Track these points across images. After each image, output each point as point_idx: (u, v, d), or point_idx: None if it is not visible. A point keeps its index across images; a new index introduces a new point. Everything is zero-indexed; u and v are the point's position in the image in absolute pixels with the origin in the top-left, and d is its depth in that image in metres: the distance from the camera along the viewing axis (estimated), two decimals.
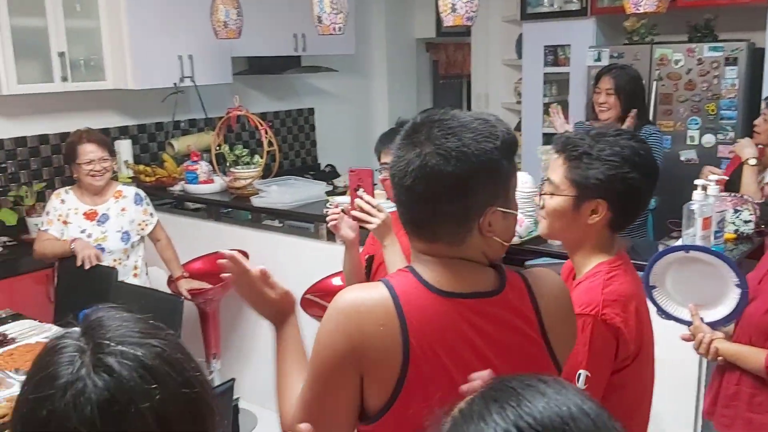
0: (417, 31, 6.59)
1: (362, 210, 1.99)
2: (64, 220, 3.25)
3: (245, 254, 3.63)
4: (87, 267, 3.07)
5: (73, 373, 0.79)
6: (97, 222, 3.27)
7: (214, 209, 4.03)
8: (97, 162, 3.17)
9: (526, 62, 5.31)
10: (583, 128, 1.73)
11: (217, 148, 3.88)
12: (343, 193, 3.90)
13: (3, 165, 4.04)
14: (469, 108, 5.61)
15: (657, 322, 1.73)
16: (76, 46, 4.00)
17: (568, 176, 1.56)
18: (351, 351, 1.14)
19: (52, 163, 4.24)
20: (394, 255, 1.94)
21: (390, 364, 1.14)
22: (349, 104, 6.15)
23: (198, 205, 4.21)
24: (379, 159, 2.32)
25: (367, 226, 2.00)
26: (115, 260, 3.28)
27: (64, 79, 3.92)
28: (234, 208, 3.96)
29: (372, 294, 1.17)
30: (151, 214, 3.43)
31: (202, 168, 3.96)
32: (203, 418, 0.85)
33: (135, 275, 3.36)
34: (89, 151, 3.16)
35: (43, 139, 4.20)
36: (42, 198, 4.09)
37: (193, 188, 3.97)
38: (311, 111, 5.87)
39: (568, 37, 5.06)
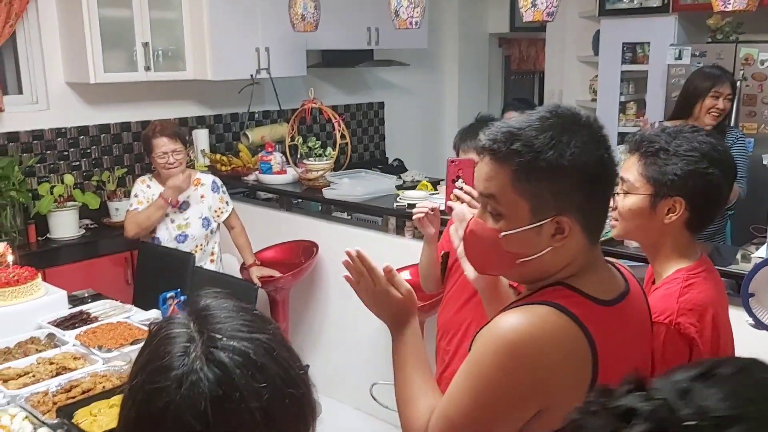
0: (490, 26, 6.53)
1: (461, 201, 1.98)
2: (150, 204, 3.37)
3: (317, 246, 3.69)
4: (187, 187, 3.26)
5: (188, 365, 0.78)
6: (179, 209, 3.38)
7: (285, 199, 4.11)
8: (170, 154, 3.27)
9: (603, 59, 5.20)
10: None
11: (291, 139, 3.95)
12: (413, 188, 3.91)
13: (87, 150, 4.22)
14: (534, 106, 5.53)
15: (751, 332, 1.67)
16: (159, 37, 4.13)
17: (644, 173, 1.49)
18: (535, 389, 1.07)
19: (133, 149, 4.40)
20: None
21: (578, 390, 1.06)
22: (419, 98, 6.15)
23: (269, 195, 4.29)
24: (457, 154, 2.32)
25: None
26: (196, 246, 3.39)
27: (147, 68, 4.06)
28: (305, 199, 4.03)
29: (549, 320, 1.08)
30: (227, 202, 3.51)
31: (276, 159, 4.03)
32: (306, 417, 0.84)
33: (212, 261, 3.47)
34: (162, 144, 3.26)
35: (125, 126, 4.36)
36: (123, 183, 4.26)
37: (266, 178, 4.05)
38: (381, 105, 5.90)
39: (647, 34, 4.93)
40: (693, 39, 4.80)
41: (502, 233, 1.14)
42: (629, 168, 1.54)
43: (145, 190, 3.38)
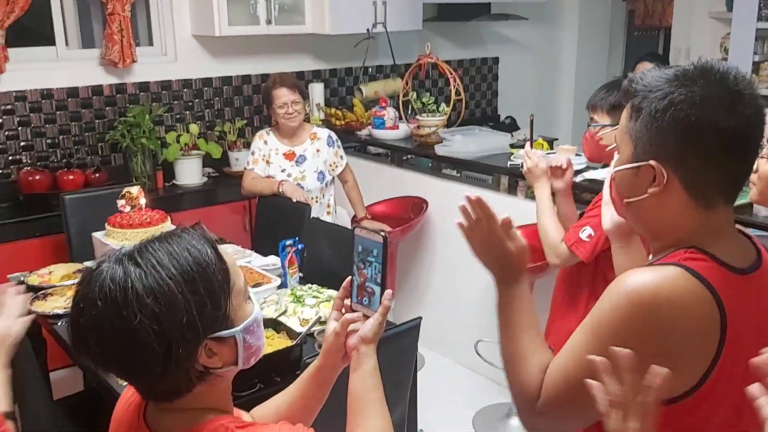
0: None
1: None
2: (267, 160, 3.51)
3: (426, 203, 3.72)
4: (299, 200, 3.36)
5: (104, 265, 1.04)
6: (296, 162, 3.50)
7: (396, 155, 4.14)
8: (290, 105, 3.37)
9: (736, 15, 4.84)
10: None
11: (404, 95, 3.96)
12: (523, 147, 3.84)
13: (211, 102, 4.40)
14: (667, 63, 5.24)
15: None
16: None
17: None
18: (662, 351, 1.04)
19: (252, 102, 4.55)
20: None
21: (701, 358, 1.06)
22: (535, 54, 5.99)
23: (380, 150, 4.34)
24: (593, 114, 2.26)
25: None
26: (312, 198, 3.51)
27: (269, 22, 4.16)
28: (417, 155, 4.04)
29: (680, 282, 1.05)
30: (341, 157, 3.60)
31: (389, 114, 4.06)
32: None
33: (328, 213, 3.61)
34: (282, 94, 3.36)
35: (246, 79, 4.51)
36: (243, 134, 4.43)
37: (379, 133, 4.09)
38: (495, 60, 5.78)
39: None
40: None
41: (614, 170, 1.18)
42: None
43: (262, 147, 3.51)
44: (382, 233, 1.25)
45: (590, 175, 2.97)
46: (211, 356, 1.06)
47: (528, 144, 2.58)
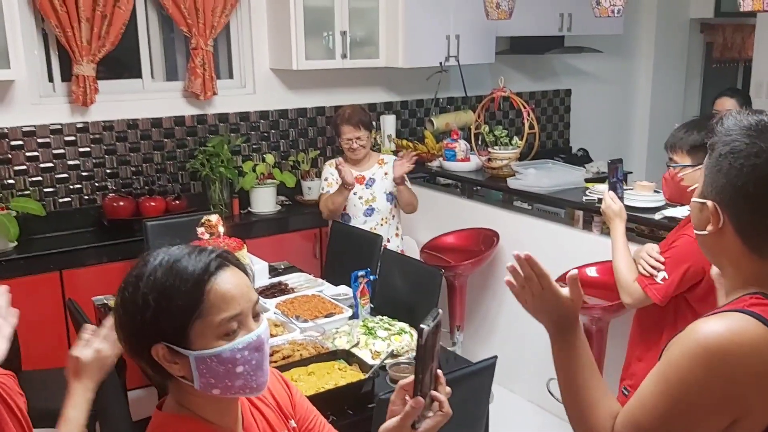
0: (692, 10, 6.10)
1: None
2: (340, 185, 3.56)
3: (497, 235, 3.70)
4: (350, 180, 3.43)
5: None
6: (366, 185, 3.61)
7: (467, 187, 4.14)
8: (353, 141, 3.54)
9: None
10: None
11: (476, 127, 3.96)
12: (602, 180, 3.79)
13: (286, 132, 4.52)
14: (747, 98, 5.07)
15: None
16: (356, 26, 4.31)
17: None
18: (732, 398, 1.06)
19: (325, 133, 4.64)
20: None
21: None
22: (609, 86, 5.91)
23: (448, 181, 4.34)
24: (672, 155, 2.23)
25: None
26: (383, 219, 3.61)
27: (344, 56, 4.26)
28: (488, 188, 4.03)
29: (749, 329, 1.06)
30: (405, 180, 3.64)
31: (461, 146, 4.08)
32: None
33: (396, 235, 3.68)
34: (347, 131, 3.54)
35: (320, 111, 4.61)
36: (315, 164, 4.52)
37: (450, 165, 4.11)
38: (568, 92, 5.74)
39: None
40: None
41: (693, 199, 1.22)
42: None
43: (334, 173, 3.59)
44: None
45: (669, 213, 2.90)
46: (170, 361, 1.16)
47: (607, 186, 2.56)
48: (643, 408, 1.11)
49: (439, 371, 1.18)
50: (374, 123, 3.77)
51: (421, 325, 1.08)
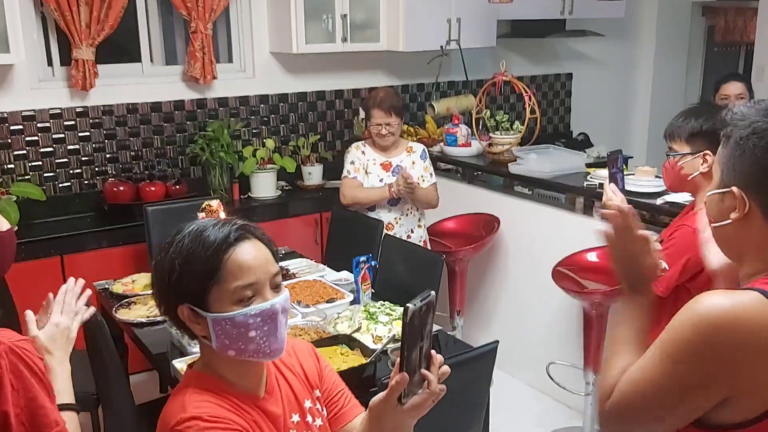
0: None
1: None
2: (366, 170, 3.50)
3: (498, 220, 3.70)
4: (410, 188, 3.30)
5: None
6: (392, 172, 3.47)
7: (468, 172, 4.13)
8: (383, 126, 3.39)
9: None
10: None
11: (477, 112, 3.95)
12: (603, 165, 3.78)
13: (286, 117, 4.50)
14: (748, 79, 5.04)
15: None
16: (357, 9, 4.28)
17: None
18: (728, 373, 1.06)
19: (326, 117, 4.63)
20: None
21: None
22: (610, 70, 5.88)
23: (449, 166, 4.32)
24: (671, 143, 2.21)
25: None
26: (408, 209, 3.50)
27: (344, 40, 4.23)
28: (490, 173, 4.02)
29: (755, 305, 1.05)
30: (431, 174, 3.55)
31: (462, 131, 4.07)
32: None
33: (419, 226, 3.56)
34: (377, 116, 3.39)
35: (320, 95, 4.59)
36: (316, 149, 4.50)
37: (451, 150, 4.10)
38: (569, 76, 5.71)
39: None
40: None
41: (707, 193, 1.22)
42: None
43: (360, 157, 3.51)
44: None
45: (671, 198, 2.90)
46: (193, 321, 1.29)
47: (607, 180, 2.53)
48: (643, 370, 1.14)
49: (433, 351, 1.20)
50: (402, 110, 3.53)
51: (408, 304, 1.11)
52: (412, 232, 3.52)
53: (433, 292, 1.14)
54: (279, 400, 1.37)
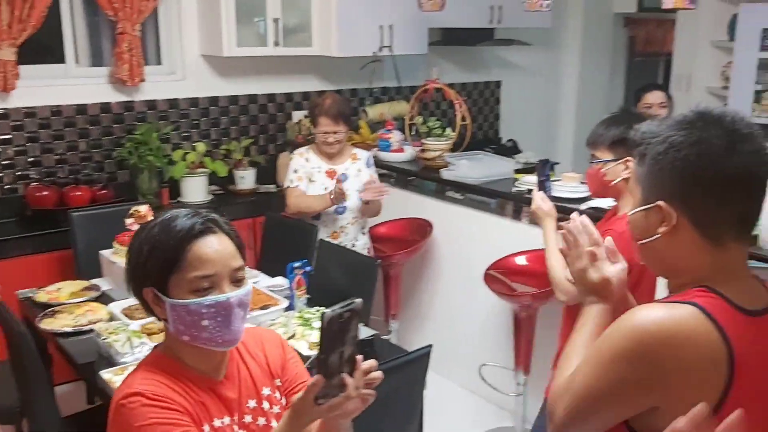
0: (616, 4, 6.30)
1: None
2: (310, 178, 3.43)
3: (431, 225, 3.75)
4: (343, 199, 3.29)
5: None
6: (337, 180, 3.39)
7: (401, 177, 4.18)
8: (330, 134, 3.32)
9: (739, 45, 4.92)
10: None
11: (410, 118, 4.00)
12: (531, 171, 3.89)
13: (217, 120, 4.44)
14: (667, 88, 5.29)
15: None
16: (289, 13, 4.27)
17: None
18: (655, 380, 1.08)
19: (258, 121, 4.59)
20: None
21: (706, 396, 1.07)
22: (538, 79, 6.05)
23: (383, 171, 4.35)
24: (593, 151, 2.28)
25: None
26: (353, 218, 3.45)
27: (276, 44, 4.21)
28: (423, 178, 4.07)
29: (689, 319, 1.08)
30: (376, 182, 3.51)
31: (395, 137, 4.11)
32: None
33: (363, 233, 3.55)
34: (324, 123, 3.32)
35: (252, 98, 4.55)
36: (248, 153, 4.46)
37: (384, 155, 4.13)
38: (498, 84, 5.85)
39: None
40: None
41: (630, 212, 1.25)
42: None
43: (304, 165, 3.43)
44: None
45: (595, 203, 3.01)
46: (156, 304, 1.37)
47: (536, 187, 2.62)
48: (578, 374, 1.17)
49: (360, 357, 1.22)
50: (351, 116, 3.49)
51: (326, 310, 1.16)
52: (357, 240, 3.49)
53: (359, 300, 1.18)
54: (236, 385, 1.43)
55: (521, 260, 3.20)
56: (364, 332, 2.57)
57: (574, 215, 1.37)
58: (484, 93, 5.79)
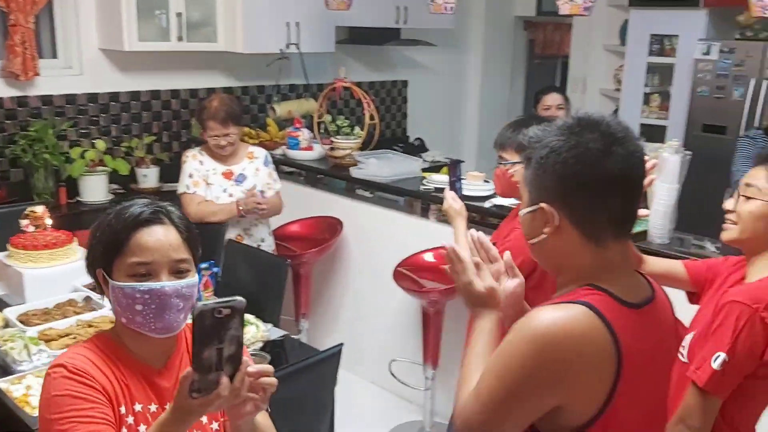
0: (517, 8, 6.53)
1: None
2: (206, 181, 3.32)
3: (341, 223, 3.77)
4: (263, 212, 3.26)
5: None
6: (235, 181, 3.34)
7: (311, 175, 4.17)
8: (220, 138, 3.24)
9: (629, 49, 5.21)
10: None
11: (319, 116, 4.00)
12: (437, 170, 3.98)
13: (118, 117, 4.28)
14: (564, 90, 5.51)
15: None
16: (193, 8, 4.17)
17: None
18: (558, 382, 1.14)
19: (161, 117, 4.46)
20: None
21: (600, 388, 1.14)
22: (443, 79, 6.18)
23: (292, 170, 4.34)
24: (501, 152, 2.35)
25: None
26: (256, 219, 3.37)
27: (180, 38, 4.11)
28: (332, 177, 4.07)
29: (581, 318, 1.14)
30: (275, 180, 3.49)
31: (304, 135, 4.10)
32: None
33: (270, 234, 3.49)
34: (214, 128, 3.23)
35: (155, 94, 4.42)
36: (151, 151, 4.33)
37: (293, 153, 4.12)
38: (405, 83, 5.93)
39: (676, 27, 4.94)
40: (722, 34, 4.81)
41: (520, 213, 1.31)
42: (756, 176, 1.70)
43: (199, 168, 3.33)
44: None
45: (498, 201, 3.11)
46: (104, 285, 1.43)
47: (447, 187, 2.67)
48: (482, 382, 1.20)
49: (246, 359, 1.22)
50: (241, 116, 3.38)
51: (198, 304, 1.16)
52: (263, 241, 3.44)
53: (240, 298, 1.16)
54: (174, 376, 1.45)
55: (429, 257, 3.27)
56: (275, 333, 2.56)
57: (472, 232, 1.44)
58: (392, 92, 5.86)
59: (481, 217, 3.22)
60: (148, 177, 4.18)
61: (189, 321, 1.61)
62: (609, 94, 5.71)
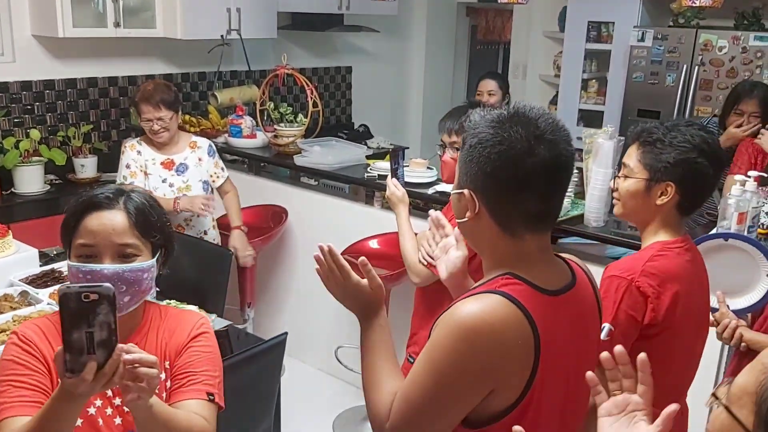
0: None
1: None
2: (145, 171, 3.27)
3: (286, 212, 3.76)
4: (209, 215, 3.24)
5: None
6: (176, 171, 3.30)
7: (254, 164, 4.14)
8: (154, 122, 3.19)
9: (568, 36, 5.31)
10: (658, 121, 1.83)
11: (261, 104, 3.97)
12: (382, 157, 4.00)
13: (53, 105, 4.16)
14: (506, 76, 5.60)
15: None
16: None
17: (642, 160, 1.72)
18: (488, 370, 1.17)
19: (99, 106, 4.35)
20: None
21: (522, 373, 1.18)
22: (387, 65, 6.19)
23: (235, 158, 4.30)
24: (445, 136, 2.38)
25: None
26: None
27: (117, 25, 4.01)
28: (276, 165, 4.05)
29: (499, 308, 1.17)
30: (222, 168, 3.46)
31: (246, 123, 4.05)
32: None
33: (213, 227, 3.45)
34: (146, 111, 3.19)
35: (92, 82, 4.31)
36: (88, 140, 4.22)
37: (235, 141, 4.07)
38: (349, 69, 5.92)
39: (612, 14, 5.06)
40: (656, 22, 4.95)
41: (451, 192, 1.33)
42: (630, 155, 1.77)
43: (137, 158, 3.26)
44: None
45: (440, 188, 3.15)
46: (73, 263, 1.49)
47: (389, 174, 2.70)
48: (414, 384, 1.21)
49: (121, 346, 1.23)
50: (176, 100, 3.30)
51: (61, 286, 1.21)
52: (206, 233, 3.41)
53: (107, 285, 1.19)
54: None
55: (374, 244, 3.29)
56: (219, 323, 2.55)
57: (431, 212, 1.50)
58: (336, 78, 5.84)
59: (424, 203, 3.26)
60: (86, 167, 4.09)
61: (160, 302, 1.73)
62: (549, 80, 5.81)
